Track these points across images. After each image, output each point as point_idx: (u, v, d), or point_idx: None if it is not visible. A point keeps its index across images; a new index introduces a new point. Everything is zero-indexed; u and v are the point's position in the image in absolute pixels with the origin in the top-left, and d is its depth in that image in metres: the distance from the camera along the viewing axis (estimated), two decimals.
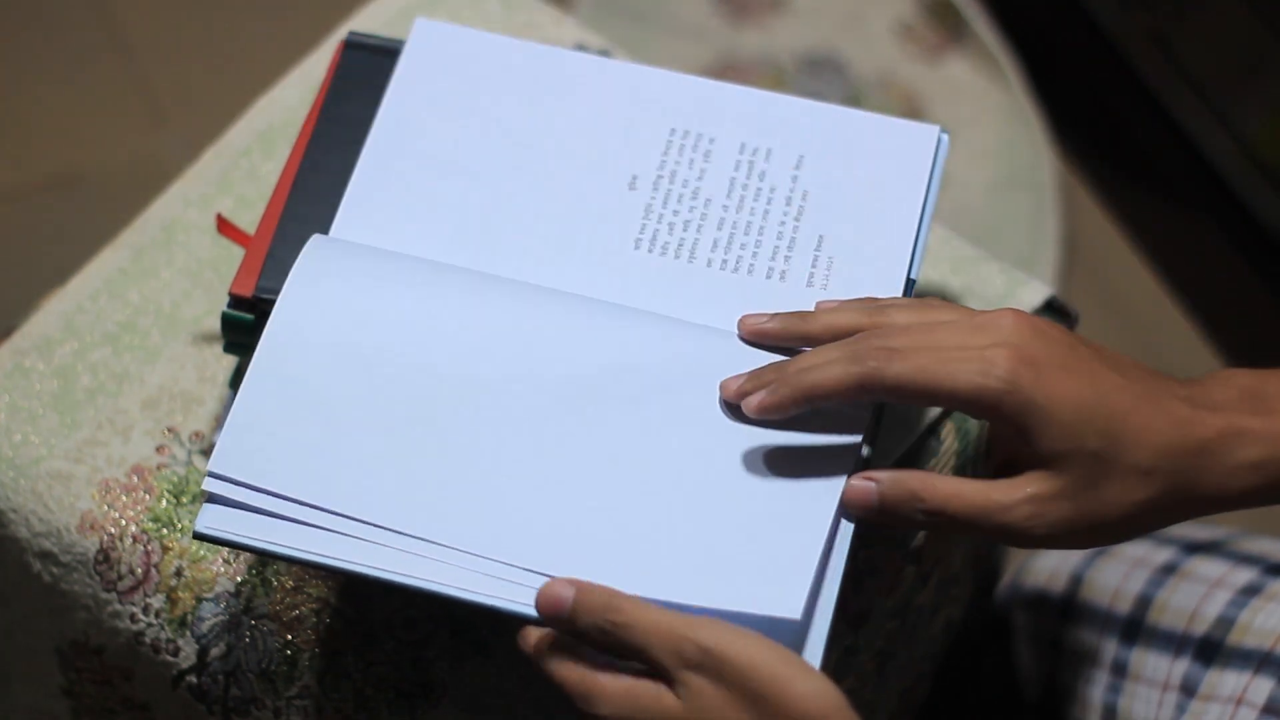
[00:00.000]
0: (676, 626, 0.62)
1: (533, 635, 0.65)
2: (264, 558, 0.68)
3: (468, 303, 0.71)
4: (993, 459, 0.70)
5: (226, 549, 0.78)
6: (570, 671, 0.63)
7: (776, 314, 0.70)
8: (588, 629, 0.63)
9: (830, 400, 0.66)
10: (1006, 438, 0.67)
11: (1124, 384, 0.66)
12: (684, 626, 0.62)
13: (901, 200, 0.75)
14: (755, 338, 0.70)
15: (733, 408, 0.69)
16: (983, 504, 0.65)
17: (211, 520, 0.67)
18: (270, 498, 0.66)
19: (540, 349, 0.70)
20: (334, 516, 0.66)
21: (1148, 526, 0.67)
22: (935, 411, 0.82)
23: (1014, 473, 0.66)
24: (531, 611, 0.65)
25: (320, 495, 0.66)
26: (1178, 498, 0.66)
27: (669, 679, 0.62)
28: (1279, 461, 0.66)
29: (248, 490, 0.66)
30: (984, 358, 0.64)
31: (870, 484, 0.66)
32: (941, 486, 0.65)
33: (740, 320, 0.71)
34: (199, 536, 0.67)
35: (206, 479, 0.67)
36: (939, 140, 0.76)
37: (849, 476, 0.67)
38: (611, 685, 0.63)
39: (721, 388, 0.69)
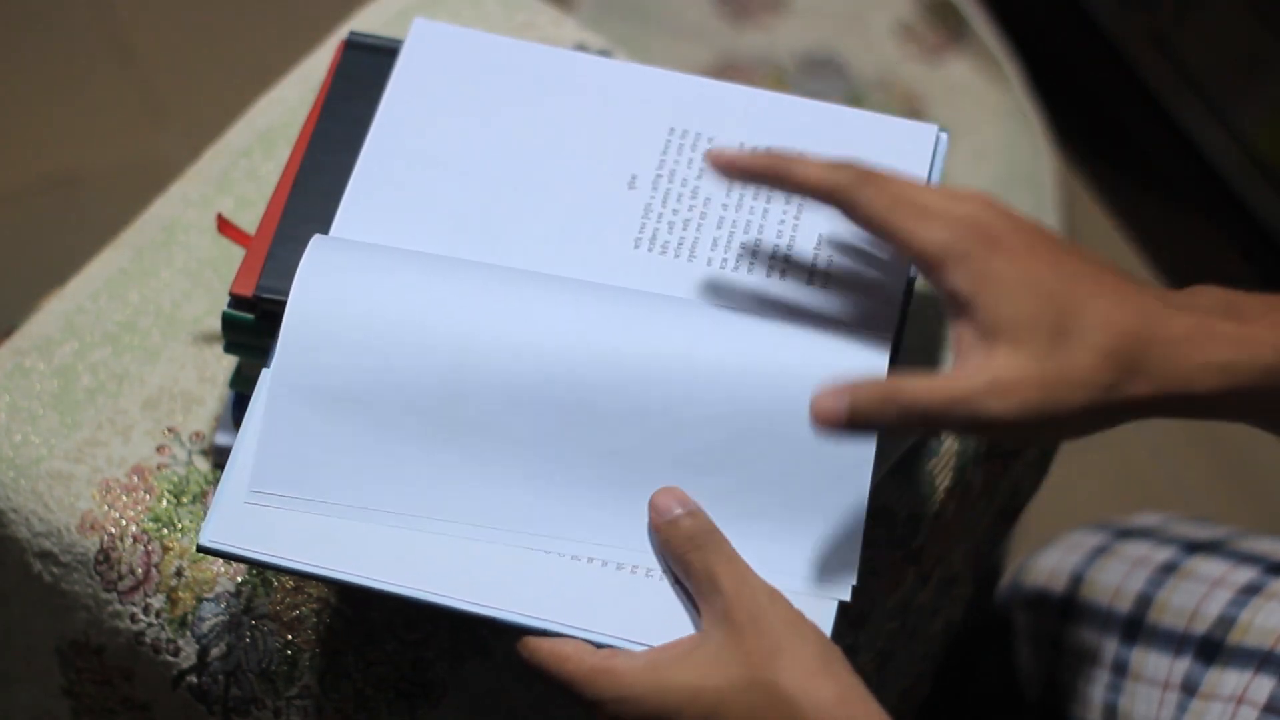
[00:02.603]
0: (750, 575, 0.65)
1: (541, 645, 0.66)
2: (266, 570, 0.69)
3: (479, 292, 0.71)
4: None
5: None
6: (581, 662, 0.65)
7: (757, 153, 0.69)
8: (683, 533, 0.66)
9: (797, 190, 0.67)
10: (954, 316, 0.66)
11: (1092, 272, 0.65)
12: (754, 578, 0.65)
13: None
14: (729, 165, 0.69)
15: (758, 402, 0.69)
16: (951, 393, 0.63)
17: (215, 534, 0.67)
18: (314, 503, 0.68)
19: (551, 337, 0.70)
20: (366, 512, 0.68)
21: (1117, 414, 0.65)
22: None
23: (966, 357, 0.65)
24: (535, 622, 0.66)
25: (361, 497, 0.68)
26: (1144, 388, 0.64)
27: (713, 616, 0.64)
28: (1247, 366, 0.64)
29: (291, 500, 0.67)
30: (948, 221, 0.65)
31: (839, 403, 0.65)
32: (909, 389, 0.64)
33: (710, 153, 0.70)
34: (203, 550, 0.67)
35: (250, 493, 0.68)
36: (937, 139, 0.76)
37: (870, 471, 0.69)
38: (628, 661, 0.64)
39: (709, 155, 0.69)
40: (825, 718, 0.62)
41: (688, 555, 0.66)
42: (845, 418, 0.64)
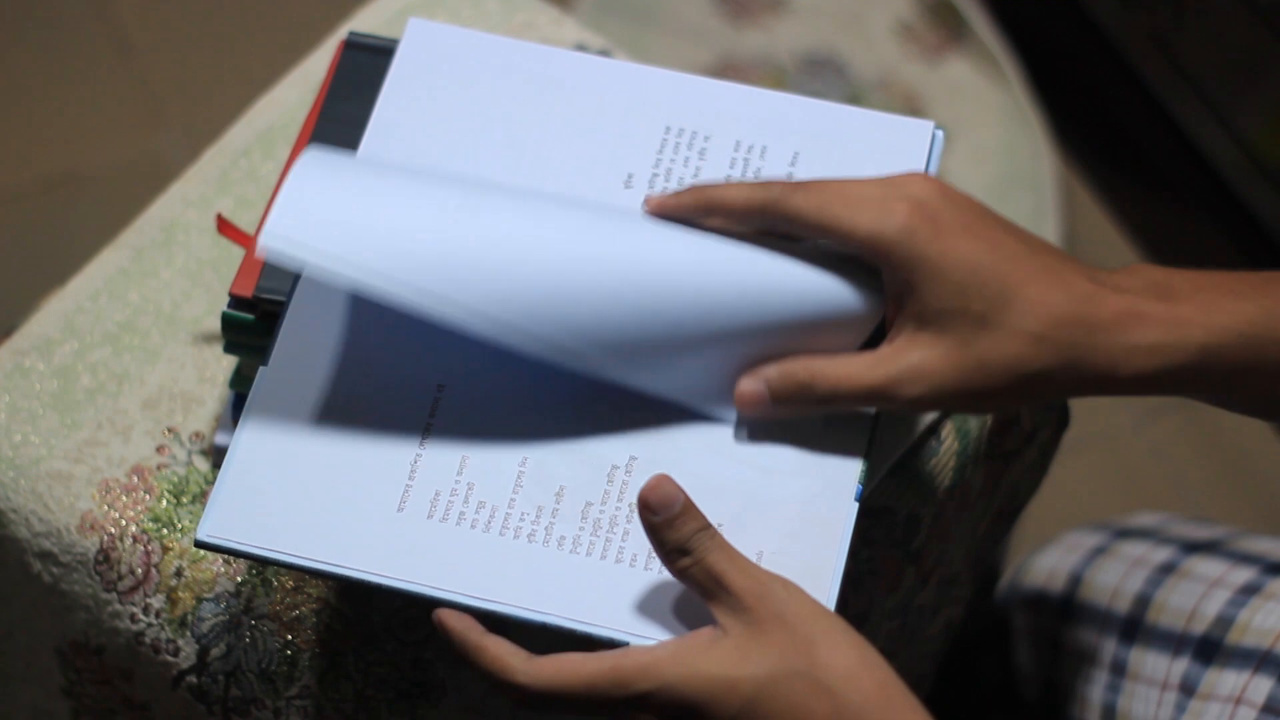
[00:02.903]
0: (755, 567, 0.64)
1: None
2: (264, 565, 0.69)
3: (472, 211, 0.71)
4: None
5: None
6: (601, 661, 0.63)
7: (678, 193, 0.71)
8: (681, 537, 0.64)
9: (730, 215, 0.68)
10: (894, 296, 0.67)
11: (1027, 254, 0.66)
12: (761, 570, 0.64)
13: None
14: (658, 210, 0.70)
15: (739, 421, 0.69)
16: (869, 382, 0.66)
17: (213, 528, 0.67)
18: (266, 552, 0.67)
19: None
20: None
21: (1039, 395, 0.67)
22: (935, 413, 0.83)
23: (894, 339, 0.67)
24: (538, 616, 0.66)
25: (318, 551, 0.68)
26: (1070, 372, 0.66)
27: (729, 611, 0.63)
28: (1176, 346, 0.66)
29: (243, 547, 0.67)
30: (885, 206, 0.66)
31: (760, 386, 0.68)
32: (830, 371, 0.67)
33: (645, 200, 0.71)
34: (201, 545, 0.67)
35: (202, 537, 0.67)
36: (934, 136, 0.76)
37: (858, 486, 0.68)
38: (651, 654, 0.63)
39: (646, 201, 0.71)
40: (869, 705, 0.62)
41: (682, 563, 0.64)
42: (767, 403, 0.68)
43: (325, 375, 0.70)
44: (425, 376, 0.70)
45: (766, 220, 0.68)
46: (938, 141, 0.76)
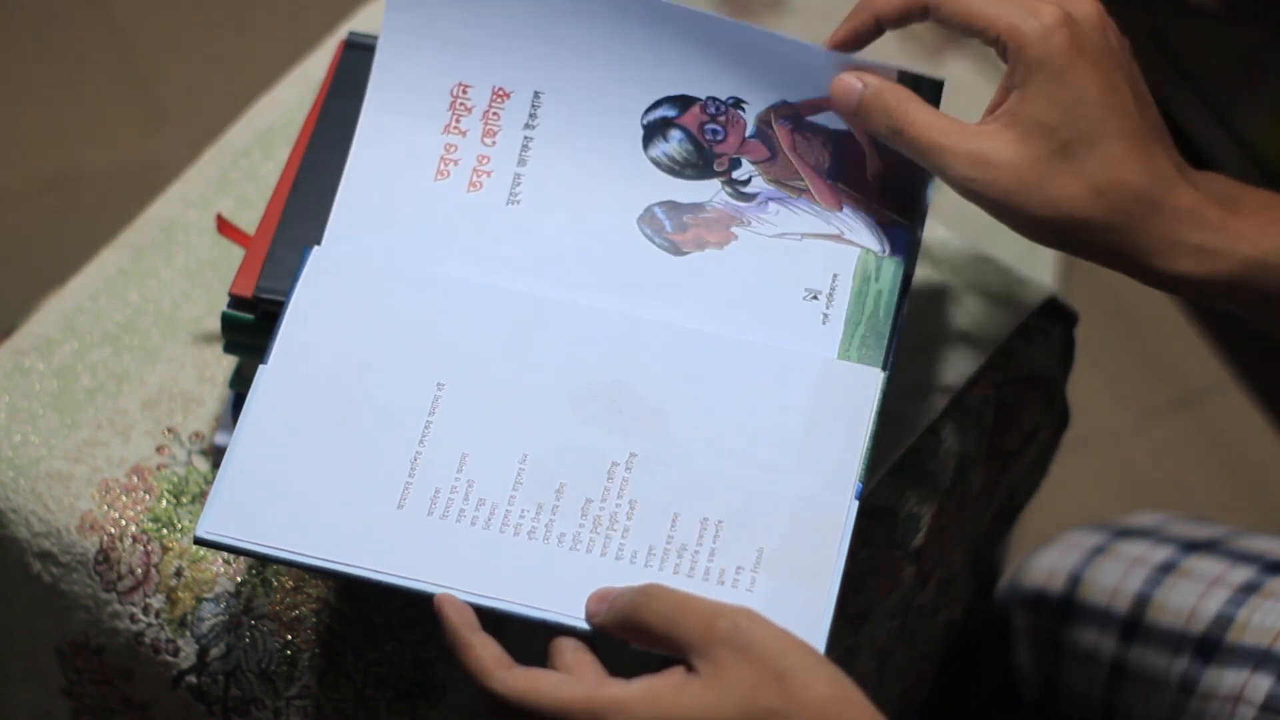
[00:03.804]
0: (708, 605, 0.62)
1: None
2: (264, 562, 0.69)
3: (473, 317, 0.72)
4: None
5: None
6: (575, 689, 0.62)
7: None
8: (622, 605, 0.63)
9: (889, 21, 0.71)
10: (1006, 84, 0.69)
11: (1134, 112, 0.67)
12: (715, 605, 0.62)
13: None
14: (838, 46, 0.73)
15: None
16: (934, 140, 0.68)
17: (213, 525, 0.67)
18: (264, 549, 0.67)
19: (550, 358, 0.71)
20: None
21: (1076, 246, 0.68)
22: (935, 411, 0.83)
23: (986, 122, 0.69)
24: (537, 614, 0.66)
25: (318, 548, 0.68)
26: (1114, 239, 0.67)
27: (693, 655, 0.61)
28: (1221, 255, 0.67)
29: (242, 545, 0.67)
30: (1034, 9, 0.67)
31: (858, 85, 0.71)
32: (913, 113, 0.69)
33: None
34: (200, 542, 0.67)
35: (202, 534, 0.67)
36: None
37: (852, 495, 0.68)
38: (625, 691, 0.62)
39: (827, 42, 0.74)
40: None
41: (635, 618, 0.63)
42: (855, 104, 0.70)
43: (325, 374, 0.70)
44: (425, 374, 0.70)
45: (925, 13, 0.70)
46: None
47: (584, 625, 0.66)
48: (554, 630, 0.66)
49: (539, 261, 0.73)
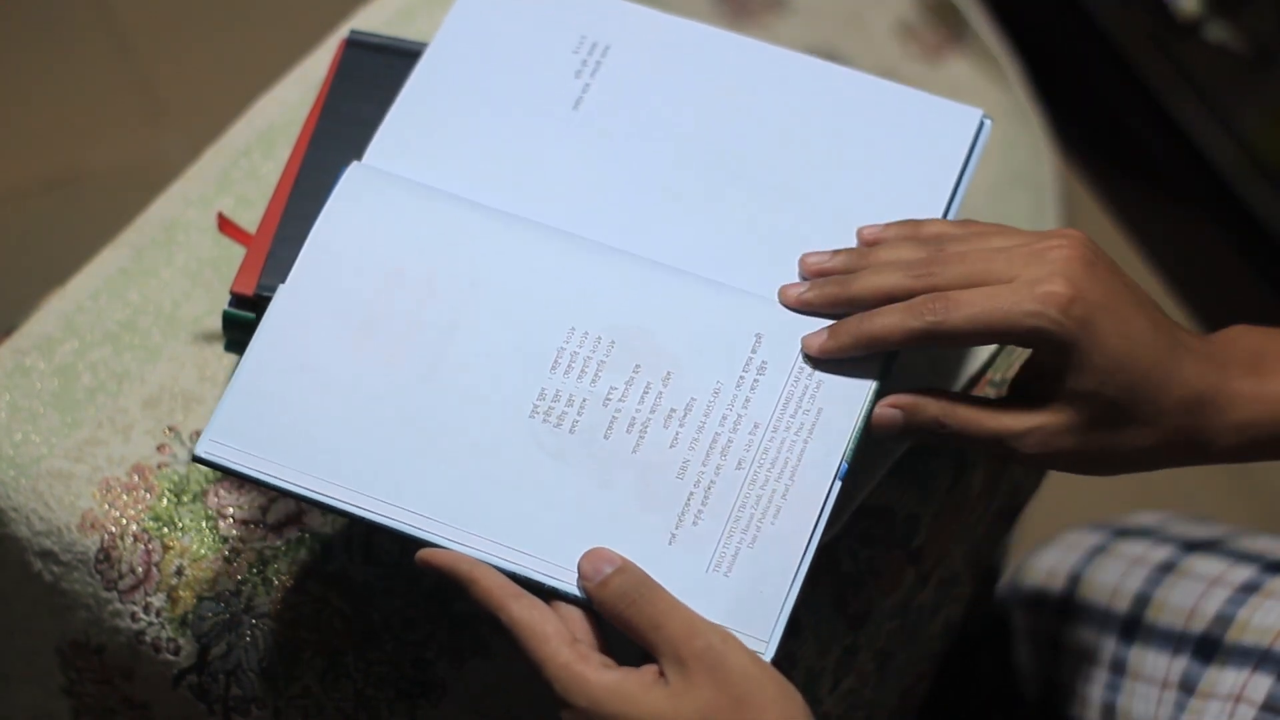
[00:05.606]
0: (694, 617, 0.65)
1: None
2: (266, 491, 0.67)
3: (508, 244, 0.71)
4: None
5: (227, 548, 0.78)
6: (561, 651, 0.64)
7: (813, 282, 0.72)
8: (615, 592, 0.65)
9: (893, 348, 0.70)
10: (1039, 367, 0.70)
11: (1153, 336, 0.69)
12: (696, 622, 0.65)
13: (932, 182, 0.75)
14: (799, 307, 0.72)
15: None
16: (996, 429, 0.69)
17: (212, 445, 0.66)
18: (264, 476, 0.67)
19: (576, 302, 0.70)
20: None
21: (1142, 468, 0.72)
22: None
23: (1029, 391, 0.70)
24: (553, 580, 0.66)
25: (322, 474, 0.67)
26: (1174, 447, 0.71)
27: (666, 661, 0.64)
28: (1258, 424, 0.70)
29: (241, 467, 0.66)
30: (1038, 296, 0.67)
31: (896, 412, 0.70)
32: (961, 413, 0.70)
33: (780, 291, 0.72)
34: (198, 461, 0.66)
35: (206, 442, 0.66)
36: (981, 124, 0.75)
37: (825, 498, 0.68)
38: (599, 676, 0.64)
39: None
40: None
41: (624, 613, 0.65)
42: (900, 431, 0.70)
43: (347, 292, 0.69)
44: (452, 301, 0.69)
45: (929, 345, 0.69)
46: (985, 132, 0.75)
47: (577, 592, 0.66)
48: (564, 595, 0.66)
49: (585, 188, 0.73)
